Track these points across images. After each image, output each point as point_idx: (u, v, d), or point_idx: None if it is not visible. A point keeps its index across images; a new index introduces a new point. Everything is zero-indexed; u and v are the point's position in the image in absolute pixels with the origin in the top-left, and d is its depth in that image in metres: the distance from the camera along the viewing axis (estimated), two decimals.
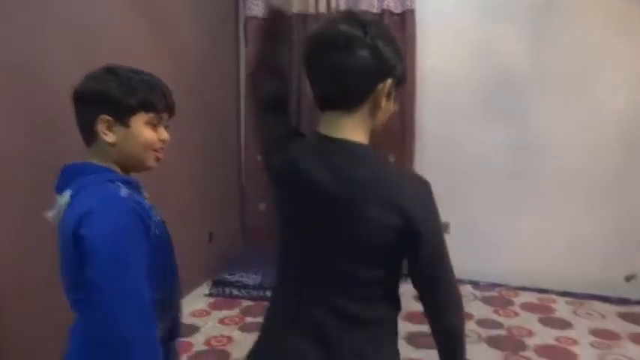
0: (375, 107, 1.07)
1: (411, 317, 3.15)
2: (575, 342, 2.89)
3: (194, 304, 3.29)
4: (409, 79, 3.65)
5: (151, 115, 1.14)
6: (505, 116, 3.65)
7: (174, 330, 1.23)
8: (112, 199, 1.05)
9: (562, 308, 3.35)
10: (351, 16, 1.06)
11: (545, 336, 2.95)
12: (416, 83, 3.70)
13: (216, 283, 3.47)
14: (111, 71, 1.12)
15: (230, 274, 3.46)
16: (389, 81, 1.05)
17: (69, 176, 1.10)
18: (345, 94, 1.05)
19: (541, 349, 2.79)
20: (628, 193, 3.53)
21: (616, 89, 3.44)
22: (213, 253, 3.60)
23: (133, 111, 1.12)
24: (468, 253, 3.70)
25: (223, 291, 3.43)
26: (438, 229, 1.08)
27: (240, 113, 4.01)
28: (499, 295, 3.56)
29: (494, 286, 3.69)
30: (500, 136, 3.67)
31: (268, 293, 3.29)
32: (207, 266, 3.54)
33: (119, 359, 1.00)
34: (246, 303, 3.33)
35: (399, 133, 3.74)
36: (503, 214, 3.73)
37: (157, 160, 1.19)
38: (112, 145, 1.11)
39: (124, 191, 1.07)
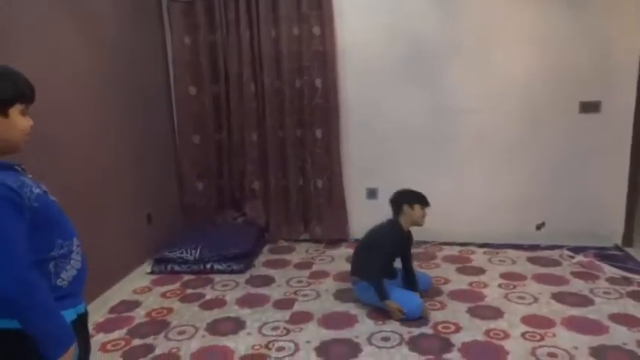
0: None
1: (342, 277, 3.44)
2: (485, 285, 3.22)
3: (136, 282, 3.43)
4: (330, 54, 3.86)
5: (23, 105, 1.32)
6: (422, 85, 3.90)
7: (82, 272, 1.43)
8: None
9: (479, 258, 3.69)
10: None
11: (460, 282, 3.27)
12: (337, 59, 3.90)
13: (157, 261, 3.62)
14: None
15: (170, 251, 3.61)
16: None
17: None
18: None
19: (454, 293, 3.10)
20: (534, 150, 3.87)
21: (516, 54, 3.74)
22: (153, 233, 3.74)
23: (11, 103, 1.29)
24: None
25: (165, 267, 3.59)
26: None
27: (171, 96, 4.11)
28: (425, 251, 3.87)
29: (421, 243, 3.98)
30: (419, 104, 3.93)
31: (207, 266, 3.51)
32: (147, 246, 3.67)
33: (16, 317, 1.23)
34: (187, 277, 3.51)
35: (324, 109, 3.94)
36: (426, 175, 3.99)
37: (25, 142, 1.36)
38: None
39: None
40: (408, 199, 2.98)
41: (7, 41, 2.38)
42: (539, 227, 3.96)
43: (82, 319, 1.44)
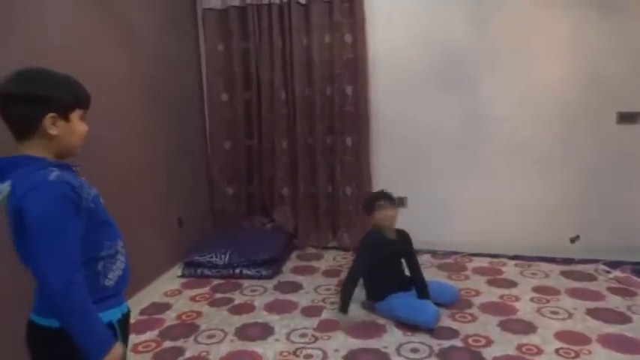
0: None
1: None
2: (517, 298, 3.15)
3: (167, 285, 3.49)
4: (361, 62, 3.86)
5: (82, 110, 1.38)
6: (453, 92, 3.86)
7: (126, 272, 1.47)
8: (43, 184, 1.25)
9: (510, 270, 3.61)
10: None
11: (491, 295, 3.21)
12: (367, 66, 3.90)
13: (187, 265, 3.67)
14: (42, 73, 1.33)
15: (201, 255, 3.66)
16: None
17: (7, 168, 1.31)
18: None
19: (484, 306, 3.04)
20: (569, 160, 3.78)
21: (550, 61, 3.67)
22: (183, 237, 3.80)
23: (72, 108, 1.35)
24: (425, 224, 3.98)
25: (195, 271, 3.63)
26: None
27: (203, 102, 4.18)
28: (454, 262, 3.81)
29: (450, 254, 3.94)
30: (450, 111, 3.89)
31: (237, 271, 3.54)
32: (178, 249, 3.73)
33: (58, 314, 1.28)
34: (216, 281, 3.55)
35: (355, 117, 3.94)
36: (457, 184, 3.97)
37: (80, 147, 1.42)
38: (54, 137, 1.32)
39: (53, 175, 1.26)
40: (369, 208, 3.01)
41: (55, 48, 2.47)
42: (573, 240, 3.86)
43: (126, 317, 1.48)
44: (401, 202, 4.06)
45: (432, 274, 3.47)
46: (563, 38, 3.63)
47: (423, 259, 3.74)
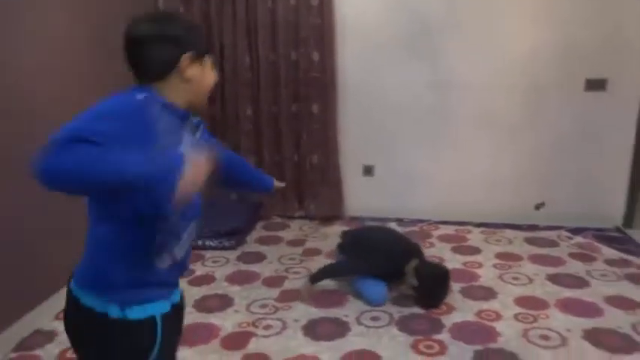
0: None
1: None
2: (480, 265, 3.16)
3: None
4: (327, 26, 3.73)
5: (212, 59, 1.28)
6: (422, 60, 3.76)
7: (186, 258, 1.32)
8: (122, 96, 1.15)
9: (475, 237, 3.62)
10: None
11: (454, 262, 3.21)
12: (335, 33, 3.76)
13: None
14: (175, 14, 1.27)
15: None
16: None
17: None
18: None
19: None
20: (536, 128, 3.76)
21: (519, 32, 3.60)
22: None
23: (206, 52, 1.25)
24: (392, 192, 3.96)
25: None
26: None
27: None
28: (420, 230, 3.79)
29: (417, 222, 3.92)
30: (418, 79, 3.80)
31: (199, 242, 3.44)
32: None
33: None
34: None
35: (321, 82, 3.83)
36: (424, 153, 3.92)
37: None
38: (187, 80, 1.21)
39: (142, 95, 1.14)
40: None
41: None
42: (538, 207, 3.88)
43: (177, 307, 1.34)
44: (369, 170, 4.02)
45: None
46: (532, 4, 3.55)
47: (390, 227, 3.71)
